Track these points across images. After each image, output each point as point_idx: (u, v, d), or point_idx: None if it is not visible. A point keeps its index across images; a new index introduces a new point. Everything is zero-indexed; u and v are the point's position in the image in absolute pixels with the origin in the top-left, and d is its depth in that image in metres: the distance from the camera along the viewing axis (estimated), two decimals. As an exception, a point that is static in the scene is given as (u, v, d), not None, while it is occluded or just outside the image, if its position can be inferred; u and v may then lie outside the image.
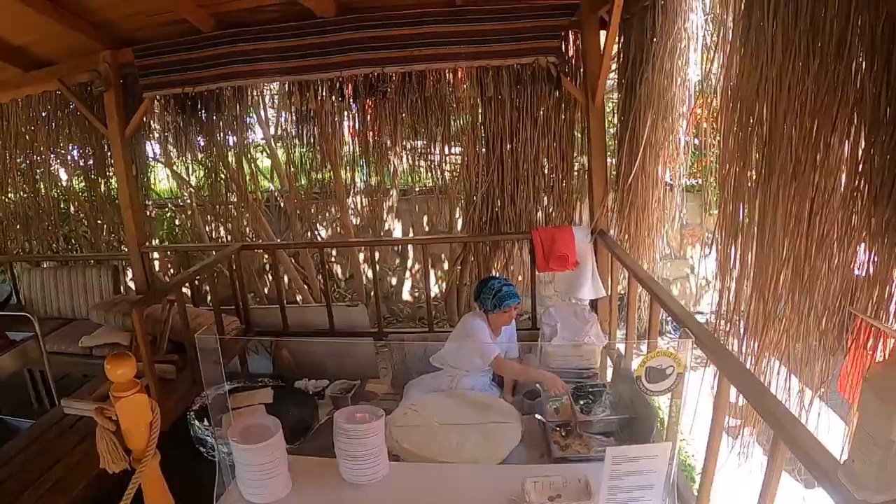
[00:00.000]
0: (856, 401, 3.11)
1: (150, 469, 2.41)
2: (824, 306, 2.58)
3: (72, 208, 7.92)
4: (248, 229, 7.96)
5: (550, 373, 4.23)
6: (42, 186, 7.46)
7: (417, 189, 8.19)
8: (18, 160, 7.28)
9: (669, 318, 3.93)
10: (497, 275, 6.00)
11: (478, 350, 4.47)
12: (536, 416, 3.86)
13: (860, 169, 2.41)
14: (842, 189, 2.49)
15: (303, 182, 7.70)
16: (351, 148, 6.83)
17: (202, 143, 6.89)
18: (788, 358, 2.81)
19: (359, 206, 7.81)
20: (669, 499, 2.65)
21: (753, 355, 3.07)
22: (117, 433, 2.35)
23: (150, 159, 7.70)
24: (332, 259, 9.24)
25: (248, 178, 7.67)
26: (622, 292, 5.45)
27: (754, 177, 2.94)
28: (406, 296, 9.29)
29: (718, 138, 3.49)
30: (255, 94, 7.05)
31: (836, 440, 3.07)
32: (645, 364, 2.66)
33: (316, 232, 8.70)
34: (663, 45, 4.42)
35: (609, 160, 5.37)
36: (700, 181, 7.57)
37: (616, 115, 5.66)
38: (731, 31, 3.16)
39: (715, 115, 4.19)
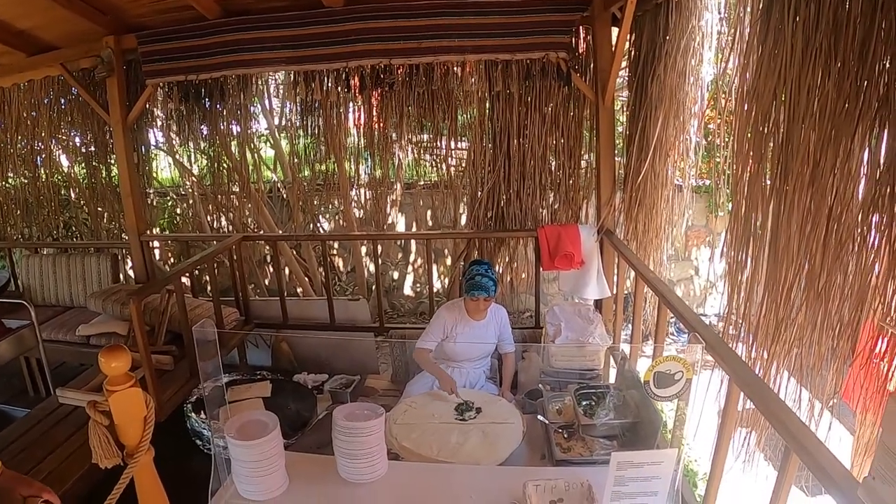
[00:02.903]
0: (860, 409, 3.06)
1: (144, 465, 2.35)
2: (839, 316, 2.52)
3: (72, 195, 7.89)
4: (249, 220, 7.91)
5: (447, 374, 4.40)
6: (43, 172, 7.43)
7: (422, 183, 8.13)
8: (19, 145, 7.24)
9: (673, 321, 3.88)
10: (499, 265, 5.98)
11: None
12: (538, 417, 3.81)
13: (879, 176, 2.34)
14: (860, 196, 2.43)
15: (306, 173, 7.64)
16: (356, 140, 6.77)
17: (205, 132, 6.84)
18: (801, 366, 2.74)
19: (362, 198, 7.76)
20: (674, 505, 2.60)
21: (762, 363, 3.01)
22: (110, 427, 2.29)
23: (153, 147, 7.66)
24: (334, 252, 9.22)
25: (251, 168, 7.60)
26: (626, 292, 5.41)
27: (769, 181, 2.87)
28: (408, 290, 9.26)
29: (731, 140, 3.42)
30: (259, 83, 7.00)
31: (844, 452, 3.02)
32: (654, 369, 2.60)
33: (318, 224, 8.66)
34: (676, 44, 4.35)
35: (616, 159, 5.30)
36: (707, 182, 7.54)
37: (625, 114, 5.60)
38: (748, 31, 3.09)
39: (726, 115, 4.13)
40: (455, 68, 5.38)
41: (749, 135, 2.99)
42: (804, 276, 2.65)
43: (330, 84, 5.55)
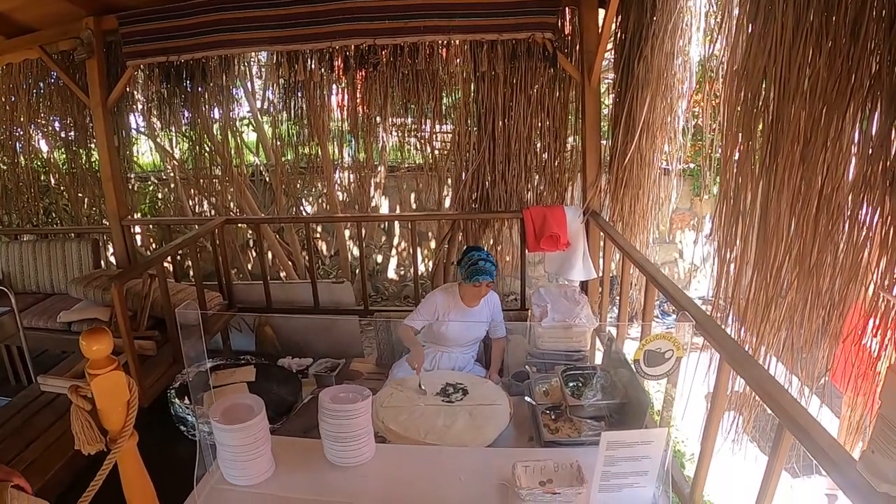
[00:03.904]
0: (850, 389, 3.06)
1: (127, 450, 2.31)
2: (829, 294, 2.50)
3: (52, 181, 7.79)
4: (232, 204, 7.85)
5: (421, 350, 4.43)
6: (22, 158, 7.34)
7: (406, 166, 8.08)
8: (-2, 131, 7.14)
9: (657, 302, 3.86)
10: (485, 248, 5.94)
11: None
12: (526, 398, 3.80)
13: (872, 152, 2.33)
14: (850, 174, 2.41)
15: (289, 156, 7.58)
16: (339, 123, 6.71)
17: (187, 116, 6.76)
18: (791, 345, 2.73)
19: (346, 181, 7.70)
20: (663, 485, 2.59)
21: (751, 345, 3.00)
22: (93, 412, 2.24)
23: (134, 131, 7.58)
24: (318, 235, 9.16)
25: (233, 151, 7.53)
26: (611, 274, 5.40)
27: (758, 160, 2.85)
28: (392, 274, 9.22)
29: (720, 119, 3.40)
30: (241, 64, 6.93)
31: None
32: (644, 347, 2.58)
33: (301, 207, 8.61)
34: (664, 24, 4.32)
35: (602, 142, 5.28)
36: (692, 165, 7.53)
37: (610, 96, 5.57)
38: (737, 10, 3.06)
39: (713, 97, 4.11)
40: (440, 50, 5.33)
41: (738, 113, 2.96)
42: (794, 255, 2.64)
43: (313, 65, 5.48)
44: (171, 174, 8.13)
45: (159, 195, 8.96)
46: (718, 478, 3.21)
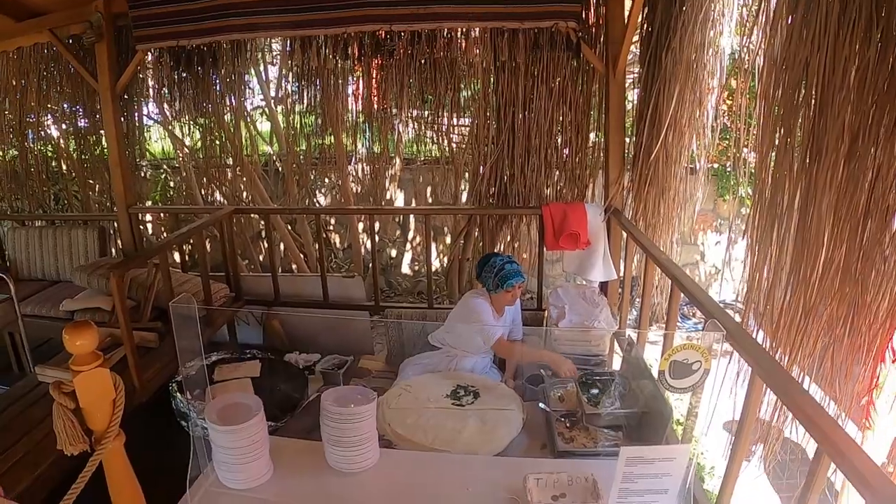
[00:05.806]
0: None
1: (113, 452, 2.18)
2: (875, 307, 2.32)
3: (63, 167, 7.71)
4: (244, 193, 7.74)
5: (558, 354, 4.04)
6: (34, 145, 7.30)
7: (422, 159, 7.94)
8: (9, 116, 7.06)
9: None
10: (499, 251, 5.77)
11: (479, 331, 4.23)
12: (540, 404, 3.65)
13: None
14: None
15: (303, 146, 7.45)
16: (354, 114, 6.58)
17: (198, 103, 6.65)
18: (831, 359, 2.55)
19: (360, 173, 7.57)
20: (685, 504, 2.44)
21: (782, 357, 2.83)
22: (77, 411, 2.11)
23: (146, 118, 7.48)
24: (330, 227, 9.06)
25: (245, 140, 7.41)
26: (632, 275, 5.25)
27: (797, 158, 2.67)
28: (405, 269, 9.11)
29: (757, 114, 3.22)
30: (254, 50, 6.82)
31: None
32: (670, 358, 2.42)
33: (314, 199, 8.49)
34: (694, 14, 4.15)
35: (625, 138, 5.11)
36: (715, 165, 7.37)
37: (635, 90, 5.39)
38: (775, -1, 2.89)
39: (747, 93, 3.94)
40: (459, 37, 5.17)
41: (776, 108, 2.79)
42: (837, 263, 2.46)
43: (328, 52, 5.33)
44: (182, 162, 8.03)
45: (171, 183, 8.88)
46: (743, 497, 3.05)
